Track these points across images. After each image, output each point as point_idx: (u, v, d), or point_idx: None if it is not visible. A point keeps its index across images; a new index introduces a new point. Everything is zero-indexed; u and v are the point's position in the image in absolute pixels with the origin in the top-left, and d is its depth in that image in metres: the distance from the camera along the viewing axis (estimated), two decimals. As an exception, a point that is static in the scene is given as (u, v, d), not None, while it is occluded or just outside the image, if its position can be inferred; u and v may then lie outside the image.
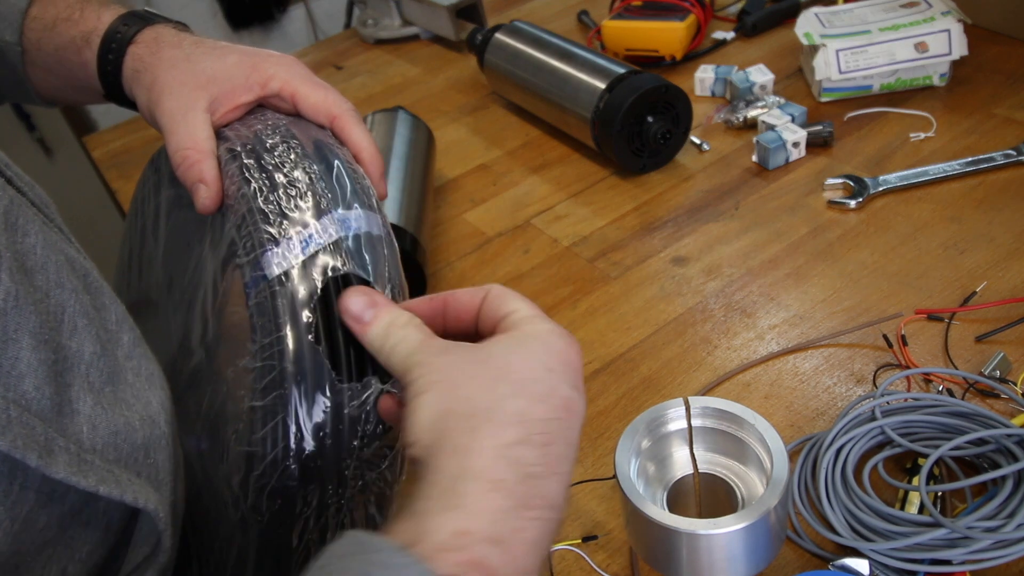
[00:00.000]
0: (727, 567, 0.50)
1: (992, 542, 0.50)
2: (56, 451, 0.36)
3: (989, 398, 0.62)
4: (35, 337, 0.37)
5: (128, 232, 0.65)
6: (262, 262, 0.45)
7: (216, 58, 0.53)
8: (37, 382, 0.36)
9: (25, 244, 0.39)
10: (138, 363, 0.45)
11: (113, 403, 0.41)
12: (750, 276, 0.78)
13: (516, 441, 0.35)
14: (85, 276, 0.44)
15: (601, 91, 0.91)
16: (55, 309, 0.39)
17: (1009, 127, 0.89)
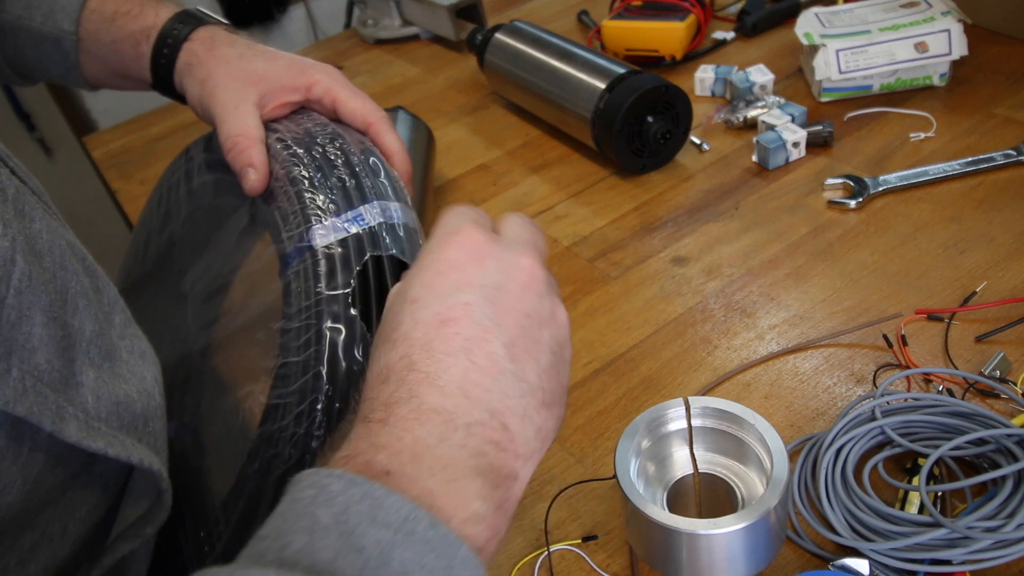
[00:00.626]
0: (727, 567, 0.50)
1: (992, 542, 0.50)
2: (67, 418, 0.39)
3: (989, 398, 0.62)
4: (46, 314, 0.39)
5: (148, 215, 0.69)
6: (308, 235, 0.49)
7: (267, 59, 0.59)
8: (48, 356, 0.39)
9: (33, 229, 0.42)
10: (131, 342, 0.48)
11: (112, 377, 0.44)
12: (750, 276, 0.78)
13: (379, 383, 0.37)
14: (83, 260, 0.46)
15: (601, 91, 0.91)
16: (61, 289, 0.42)
17: (1009, 127, 0.89)
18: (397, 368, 0.36)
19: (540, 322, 0.39)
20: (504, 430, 0.36)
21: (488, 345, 0.37)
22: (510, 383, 0.36)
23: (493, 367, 0.36)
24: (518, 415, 0.36)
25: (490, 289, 0.38)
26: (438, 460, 0.34)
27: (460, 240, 0.39)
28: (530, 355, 0.38)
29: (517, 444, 0.36)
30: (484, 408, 0.35)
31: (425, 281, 0.38)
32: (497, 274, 0.38)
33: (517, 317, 0.38)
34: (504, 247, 0.40)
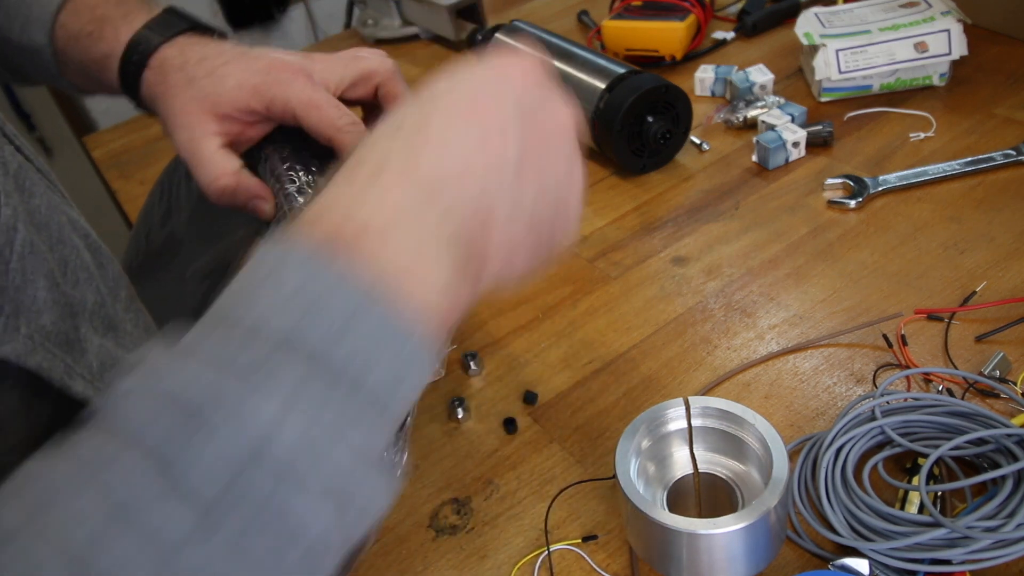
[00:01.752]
0: (727, 567, 0.50)
1: (992, 542, 0.50)
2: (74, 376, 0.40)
3: (989, 398, 0.62)
4: (48, 280, 0.40)
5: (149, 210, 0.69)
6: None
7: (217, 79, 0.54)
8: (53, 318, 0.40)
9: (32, 203, 0.42)
10: (135, 315, 0.49)
11: (115, 347, 0.45)
12: (750, 276, 0.78)
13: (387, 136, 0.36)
14: (86, 236, 0.47)
15: (601, 91, 0.91)
16: (60, 261, 0.43)
17: (1009, 127, 0.89)
18: (410, 122, 0.36)
19: (558, 156, 0.39)
20: (488, 211, 0.36)
21: (504, 138, 0.37)
22: (509, 179, 0.37)
23: (500, 157, 0.36)
24: (505, 210, 0.36)
25: (527, 107, 0.38)
26: (416, 227, 0.34)
27: (516, 59, 0.40)
28: (536, 173, 0.38)
29: (495, 233, 0.36)
30: (477, 184, 0.36)
31: (473, 73, 0.39)
32: (538, 100, 0.39)
33: (540, 136, 0.38)
34: (556, 90, 0.40)
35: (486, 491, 0.64)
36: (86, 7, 0.59)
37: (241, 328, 0.30)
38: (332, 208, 0.34)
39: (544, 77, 0.40)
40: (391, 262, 0.32)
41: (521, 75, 0.39)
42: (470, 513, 0.62)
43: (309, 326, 0.30)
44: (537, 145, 0.38)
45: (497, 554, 0.59)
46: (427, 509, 0.63)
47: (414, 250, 0.33)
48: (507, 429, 0.68)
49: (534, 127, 0.38)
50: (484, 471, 0.65)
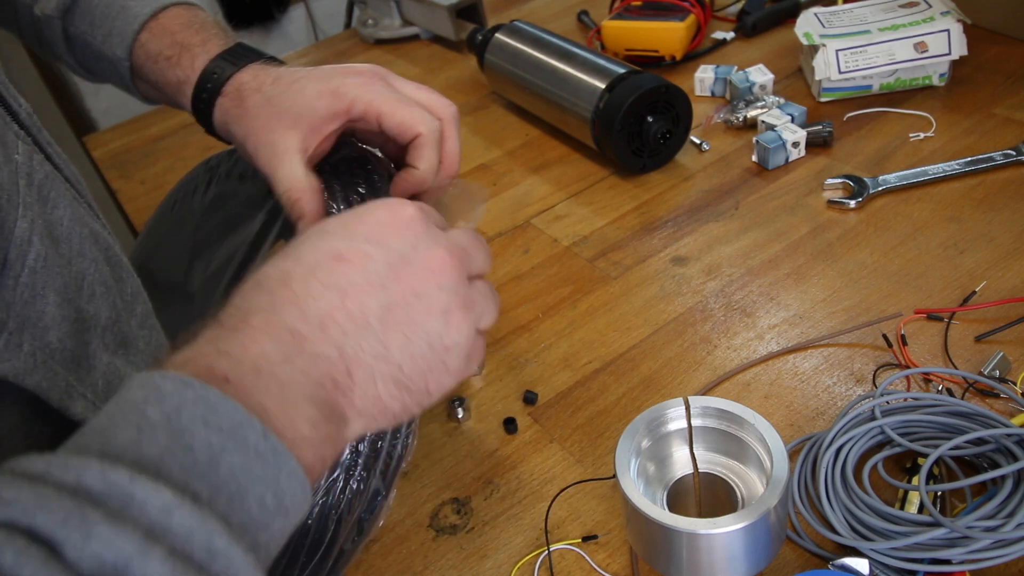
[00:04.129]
0: (727, 567, 0.50)
1: (992, 542, 0.50)
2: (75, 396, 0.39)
3: (989, 398, 0.62)
4: (60, 295, 0.40)
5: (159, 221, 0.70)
6: None
7: (295, 93, 0.55)
8: (60, 335, 0.40)
9: (54, 215, 0.42)
10: (149, 333, 0.49)
11: (125, 365, 0.44)
12: (750, 276, 0.78)
13: (250, 290, 0.37)
14: (107, 250, 0.47)
15: (601, 91, 0.91)
16: (76, 275, 0.43)
17: (1009, 127, 0.89)
18: (273, 278, 0.37)
19: (428, 310, 0.38)
20: (347, 375, 0.36)
21: (365, 297, 0.37)
22: (369, 340, 0.36)
23: (360, 318, 0.36)
24: (365, 370, 0.36)
25: (396, 255, 0.38)
26: (278, 378, 0.34)
27: (396, 208, 0.40)
28: (402, 330, 0.37)
29: (356, 394, 0.36)
30: (335, 347, 0.36)
31: (345, 221, 0.39)
32: (410, 248, 0.39)
33: (407, 291, 0.38)
34: (433, 235, 0.40)
35: (486, 491, 0.64)
36: (167, 31, 0.61)
37: (99, 456, 0.28)
38: (198, 356, 0.33)
39: (422, 220, 0.40)
40: (257, 405, 0.32)
41: (396, 222, 0.39)
42: (470, 513, 0.62)
43: (173, 457, 0.29)
44: (405, 297, 0.37)
45: (497, 554, 0.59)
46: (427, 509, 0.63)
47: (278, 398, 0.33)
48: (507, 429, 0.68)
49: (403, 278, 0.38)
50: (484, 471, 0.65)
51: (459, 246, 0.40)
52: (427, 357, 0.38)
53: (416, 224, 0.39)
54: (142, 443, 0.29)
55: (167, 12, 0.62)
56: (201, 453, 0.29)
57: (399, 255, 0.38)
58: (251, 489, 0.30)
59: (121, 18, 0.62)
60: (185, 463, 0.29)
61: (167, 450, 0.29)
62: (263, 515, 0.31)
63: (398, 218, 0.39)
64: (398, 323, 0.37)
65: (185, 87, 0.59)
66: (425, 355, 0.38)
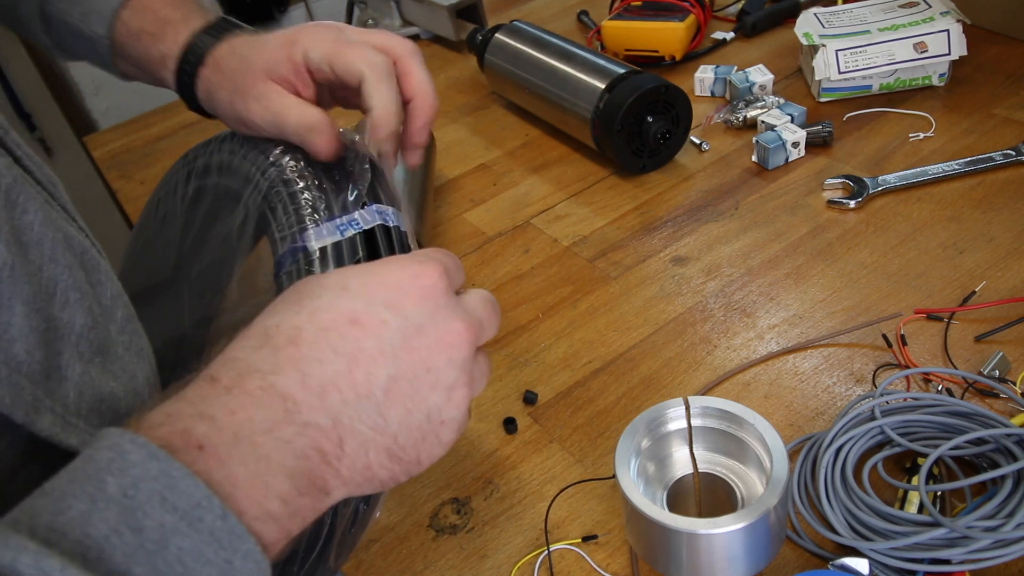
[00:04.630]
0: (727, 567, 0.50)
1: (991, 542, 0.50)
2: (42, 411, 0.38)
3: (988, 398, 0.62)
4: (28, 305, 0.39)
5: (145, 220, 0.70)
6: (302, 237, 0.49)
7: (260, 48, 0.56)
8: (28, 347, 0.38)
9: (23, 220, 0.41)
10: (129, 338, 0.47)
11: (101, 373, 0.43)
12: (750, 276, 0.78)
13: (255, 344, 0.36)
14: (82, 254, 0.46)
15: (601, 91, 0.91)
16: (47, 282, 0.42)
17: (1008, 127, 0.89)
18: (283, 334, 0.36)
19: (435, 384, 0.37)
20: (338, 445, 0.35)
21: (374, 367, 0.36)
22: (369, 410, 0.36)
23: (364, 387, 0.35)
24: (358, 440, 0.35)
25: (412, 325, 0.37)
26: (256, 449, 0.33)
27: (420, 271, 0.39)
28: (405, 403, 0.37)
29: (343, 464, 0.35)
30: (330, 416, 0.35)
31: (366, 281, 0.38)
32: (428, 319, 0.38)
33: (416, 364, 0.37)
34: (452, 306, 0.39)
35: (486, 491, 0.64)
36: (148, 8, 0.62)
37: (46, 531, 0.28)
38: (177, 415, 0.33)
39: (444, 289, 0.39)
40: (226, 477, 0.32)
41: (417, 288, 0.38)
42: (470, 513, 0.62)
43: (120, 539, 0.29)
44: (414, 370, 0.37)
45: (497, 554, 0.59)
46: (427, 509, 0.63)
47: (251, 471, 0.32)
48: (507, 429, 0.68)
49: (416, 349, 0.37)
50: (484, 471, 0.65)
51: (476, 319, 0.39)
52: (423, 429, 0.37)
53: (437, 292, 0.38)
54: (92, 520, 0.29)
55: None
56: (150, 534, 0.29)
57: (415, 326, 0.37)
58: (199, 573, 0.30)
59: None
60: (130, 546, 0.29)
61: (114, 530, 0.29)
62: None
63: (420, 283, 0.38)
64: (402, 395, 0.36)
65: (169, 61, 0.60)
66: (421, 427, 0.37)
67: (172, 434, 0.32)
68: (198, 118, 0.64)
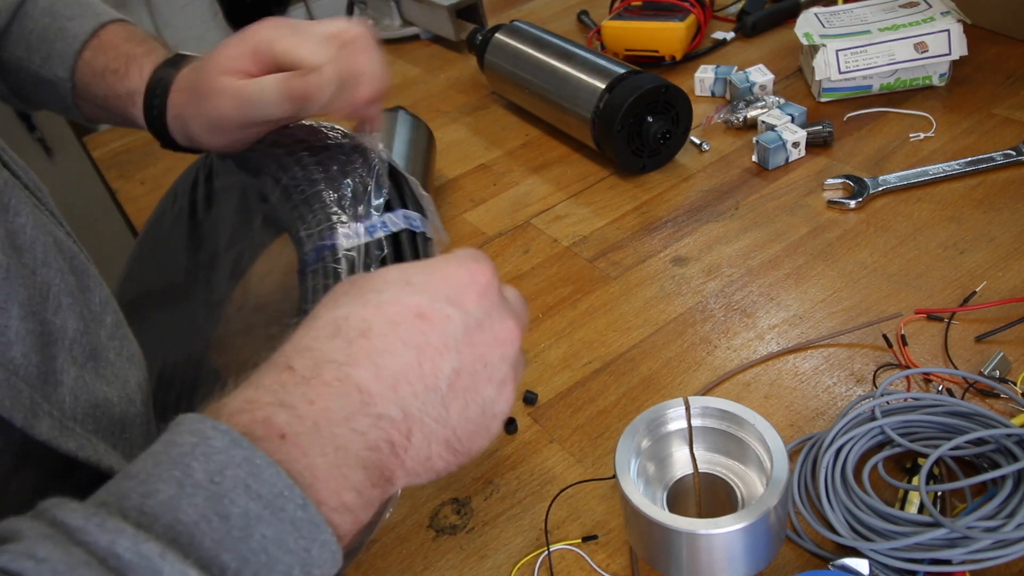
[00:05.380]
0: (727, 567, 0.50)
1: (992, 542, 0.50)
2: (40, 415, 0.38)
3: (989, 398, 0.62)
4: (24, 308, 0.39)
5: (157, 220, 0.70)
6: (331, 236, 0.50)
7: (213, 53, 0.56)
8: (25, 350, 0.39)
9: (16, 223, 0.42)
10: (120, 343, 0.47)
11: (94, 378, 0.43)
12: (750, 276, 0.78)
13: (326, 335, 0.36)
14: (72, 259, 0.46)
15: (601, 91, 0.91)
16: (41, 286, 0.42)
17: (1009, 127, 0.89)
18: (353, 326, 0.36)
19: (490, 378, 0.39)
20: (407, 436, 0.36)
21: (440, 360, 0.37)
22: (434, 402, 0.36)
23: (431, 379, 0.36)
24: (424, 432, 0.36)
25: (472, 321, 0.38)
26: (335, 440, 0.33)
27: (476, 269, 0.40)
28: (464, 396, 0.38)
29: (409, 456, 0.36)
30: (401, 408, 0.35)
31: (429, 278, 0.39)
32: (485, 316, 0.39)
33: (476, 359, 0.38)
34: (504, 304, 0.40)
35: (486, 491, 0.64)
36: (111, 46, 0.62)
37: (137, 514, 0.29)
38: (257, 403, 0.33)
39: (497, 288, 0.40)
40: (307, 467, 0.32)
41: (475, 286, 0.39)
42: (470, 513, 0.62)
43: (209, 525, 0.29)
44: (474, 364, 0.38)
45: (497, 554, 0.59)
46: (427, 509, 0.63)
47: (331, 462, 0.33)
48: (507, 429, 0.68)
49: (476, 344, 0.38)
50: (484, 471, 0.65)
51: (521, 318, 0.41)
52: (477, 422, 0.38)
53: (491, 291, 0.39)
54: (181, 505, 0.29)
55: (107, 29, 0.63)
56: (236, 521, 0.30)
57: (476, 321, 0.38)
58: (280, 561, 0.30)
59: (60, 39, 0.62)
60: (219, 533, 0.29)
61: (203, 516, 0.29)
62: None
63: (476, 282, 0.39)
64: (463, 388, 0.37)
65: (136, 96, 0.60)
66: (476, 420, 0.38)
67: (254, 422, 0.32)
68: None
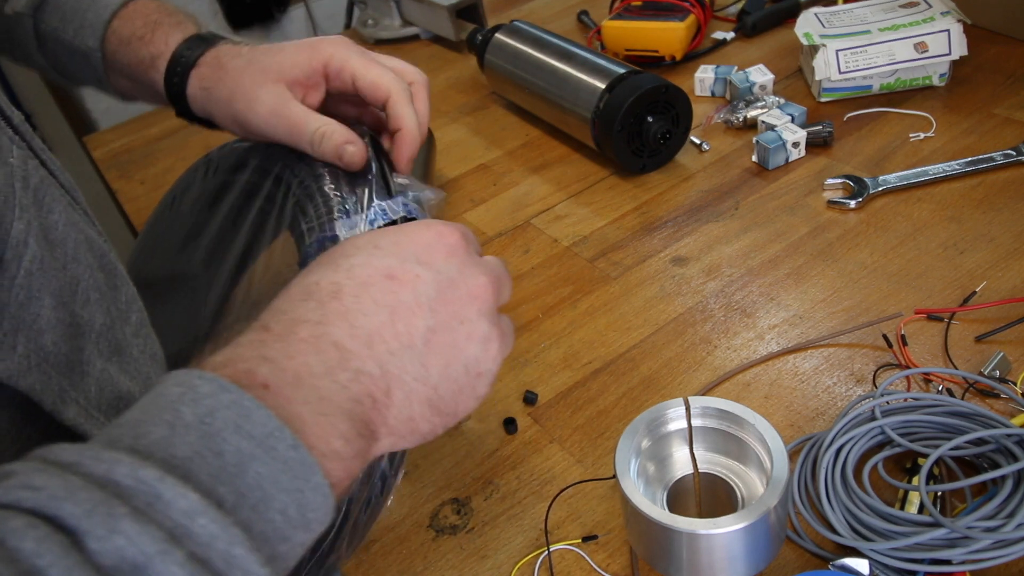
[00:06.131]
0: (727, 567, 0.50)
1: (992, 542, 0.50)
2: (68, 401, 0.39)
3: (989, 398, 0.62)
4: (55, 298, 0.40)
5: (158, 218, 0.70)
6: (332, 227, 0.50)
7: (276, 52, 0.57)
8: (55, 338, 0.40)
9: (50, 219, 0.43)
10: (143, 341, 0.48)
11: (118, 372, 0.44)
12: (750, 276, 0.78)
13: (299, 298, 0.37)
14: (102, 257, 0.47)
15: (601, 91, 0.91)
16: (71, 280, 0.43)
17: (1009, 127, 0.89)
18: (324, 289, 0.37)
19: (470, 335, 0.39)
20: (386, 394, 0.36)
21: (413, 318, 0.37)
22: (412, 360, 0.37)
23: (406, 337, 0.37)
24: (404, 391, 0.37)
25: (444, 278, 0.39)
26: (317, 391, 0.34)
27: (442, 230, 0.41)
28: (443, 353, 0.38)
29: (391, 413, 0.36)
30: (379, 365, 0.36)
31: (396, 239, 0.40)
32: (457, 273, 0.39)
33: (451, 316, 0.39)
34: (476, 262, 0.41)
35: (486, 491, 0.64)
36: (140, 14, 0.62)
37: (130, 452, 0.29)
38: (239, 358, 0.34)
39: (465, 247, 0.41)
40: (293, 415, 0.33)
41: (443, 246, 0.40)
42: (470, 513, 0.62)
43: (203, 460, 0.29)
44: (450, 320, 0.38)
45: (497, 554, 0.59)
46: (427, 509, 0.63)
47: (314, 410, 0.33)
48: (507, 429, 0.68)
49: (450, 301, 0.38)
50: (484, 471, 0.65)
51: (496, 275, 0.41)
52: (460, 381, 0.39)
53: (460, 250, 0.40)
54: (174, 442, 0.29)
55: (137, 1, 0.63)
56: (230, 458, 0.30)
57: (447, 278, 0.39)
58: (276, 499, 0.30)
59: (92, 9, 0.63)
60: (214, 467, 0.29)
61: (197, 452, 0.29)
62: (285, 526, 0.31)
63: (445, 242, 0.40)
64: (441, 346, 0.38)
65: (158, 61, 0.60)
66: (459, 379, 0.39)
67: (237, 373, 0.33)
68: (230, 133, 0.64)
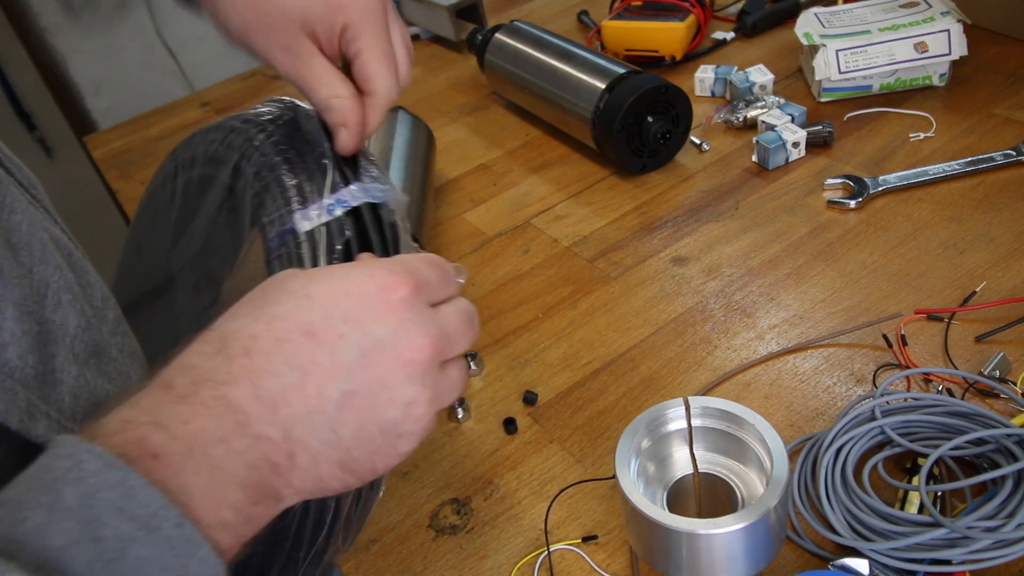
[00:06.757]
0: (727, 567, 0.50)
1: (992, 542, 0.50)
2: (37, 416, 0.38)
3: (989, 398, 0.62)
4: (19, 308, 0.38)
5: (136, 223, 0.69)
6: (290, 219, 0.48)
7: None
8: (20, 351, 0.38)
9: (11, 221, 0.41)
10: (122, 340, 0.47)
11: (96, 375, 0.43)
12: (750, 276, 0.78)
13: (211, 351, 0.35)
14: (69, 255, 0.45)
15: (601, 91, 0.91)
16: (39, 284, 0.41)
17: (1009, 127, 0.89)
18: (239, 342, 0.35)
19: (391, 400, 0.37)
20: (289, 458, 0.35)
21: (328, 381, 0.35)
22: (321, 425, 0.35)
23: (316, 401, 0.35)
24: (310, 454, 0.35)
25: (371, 341, 0.36)
26: (210, 459, 0.33)
27: (388, 283, 0.38)
28: (359, 418, 0.36)
29: (295, 475, 0.35)
30: (282, 429, 0.34)
31: (330, 289, 0.37)
32: (389, 334, 0.37)
33: (372, 379, 0.36)
34: (418, 320, 0.38)
35: (486, 491, 0.64)
36: None
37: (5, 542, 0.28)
38: (134, 422, 0.33)
39: (412, 303, 0.38)
40: (181, 487, 0.32)
41: (382, 302, 0.37)
42: (470, 513, 0.62)
43: (79, 549, 0.28)
44: (370, 385, 0.36)
45: (497, 554, 0.59)
46: (427, 509, 0.63)
47: (205, 481, 0.32)
48: (507, 429, 0.68)
49: (373, 365, 0.36)
50: (484, 471, 0.65)
51: (444, 334, 0.38)
52: (377, 443, 0.37)
53: (401, 307, 0.37)
54: (50, 531, 0.28)
55: None
56: (109, 544, 0.29)
57: (374, 341, 0.36)
58: None
59: None
60: (90, 556, 0.29)
61: (74, 541, 0.29)
62: None
63: (385, 297, 0.37)
64: (355, 410, 0.36)
65: None
66: (375, 440, 0.37)
67: (127, 442, 0.32)
68: (199, 119, 0.63)
